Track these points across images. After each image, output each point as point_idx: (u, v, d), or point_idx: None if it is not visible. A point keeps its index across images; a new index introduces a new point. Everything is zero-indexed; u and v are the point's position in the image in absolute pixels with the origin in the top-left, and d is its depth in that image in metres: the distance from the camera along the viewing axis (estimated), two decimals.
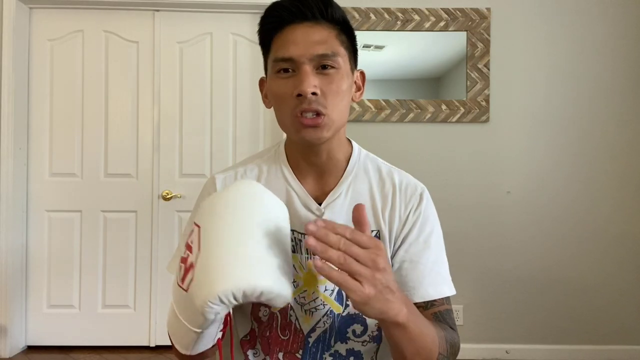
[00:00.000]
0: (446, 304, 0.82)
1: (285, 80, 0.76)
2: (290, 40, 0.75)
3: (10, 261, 2.50)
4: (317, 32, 0.76)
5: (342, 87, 0.77)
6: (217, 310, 0.59)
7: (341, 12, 0.78)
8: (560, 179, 2.58)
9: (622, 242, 2.58)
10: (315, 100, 0.74)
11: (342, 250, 0.56)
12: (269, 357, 0.83)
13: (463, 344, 2.52)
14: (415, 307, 0.68)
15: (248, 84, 2.67)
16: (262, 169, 0.88)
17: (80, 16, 2.63)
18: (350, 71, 0.80)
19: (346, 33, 0.80)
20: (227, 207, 0.65)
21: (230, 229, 0.62)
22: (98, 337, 2.63)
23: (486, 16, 2.56)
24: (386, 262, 0.58)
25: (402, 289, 0.75)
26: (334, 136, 0.80)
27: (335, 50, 0.76)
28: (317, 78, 0.75)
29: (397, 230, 0.83)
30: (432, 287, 0.80)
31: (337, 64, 0.76)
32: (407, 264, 0.81)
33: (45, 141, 2.63)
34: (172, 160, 2.65)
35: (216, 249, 0.61)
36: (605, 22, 2.58)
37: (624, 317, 2.58)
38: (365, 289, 0.56)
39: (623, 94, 2.58)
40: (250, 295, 0.58)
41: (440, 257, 0.84)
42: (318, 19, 0.76)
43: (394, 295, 0.59)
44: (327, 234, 0.56)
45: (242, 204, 0.65)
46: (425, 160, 2.57)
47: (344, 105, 0.79)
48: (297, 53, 0.74)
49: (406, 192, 0.85)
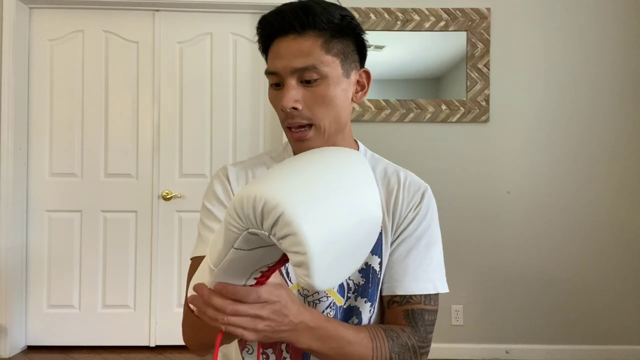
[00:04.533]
0: (424, 303, 0.81)
1: (276, 93, 0.79)
2: (276, 55, 0.77)
3: (10, 261, 2.50)
4: (299, 44, 0.75)
5: (331, 94, 0.76)
6: (235, 223, 0.54)
7: (330, 16, 0.76)
8: (560, 179, 2.58)
9: (622, 242, 2.58)
10: (299, 115, 0.76)
11: (228, 312, 0.59)
12: (271, 349, 0.83)
13: (463, 344, 2.53)
14: (332, 323, 0.71)
15: (248, 84, 2.67)
16: (270, 166, 0.89)
17: (80, 16, 2.63)
18: (344, 75, 0.79)
19: (341, 36, 0.78)
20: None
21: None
22: (98, 337, 2.62)
23: (486, 16, 2.56)
24: (281, 299, 0.62)
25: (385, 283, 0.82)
26: (333, 140, 0.81)
27: (319, 62, 0.75)
28: (300, 91, 0.76)
29: (397, 226, 0.84)
30: (415, 282, 0.81)
31: (322, 74, 0.75)
32: (397, 257, 0.83)
33: (45, 141, 2.63)
34: (172, 160, 2.65)
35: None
36: (605, 22, 2.58)
37: (624, 317, 2.58)
38: (248, 335, 0.60)
39: (623, 93, 2.59)
40: (268, 212, 0.51)
41: (432, 255, 0.84)
42: (300, 30, 0.75)
43: (286, 324, 0.63)
44: (210, 299, 0.59)
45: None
46: (425, 160, 2.57)
47: (338, 111, 0.78)
48: (280, 67, 0.76)
49: (410, 189, 0.86)
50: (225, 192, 0.86)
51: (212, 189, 0.87)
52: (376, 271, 0.83)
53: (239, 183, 0.87)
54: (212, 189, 0.87)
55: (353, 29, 0.79)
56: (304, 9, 0.75)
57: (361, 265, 0.63)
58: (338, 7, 0.79)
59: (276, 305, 0.61)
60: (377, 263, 0.83)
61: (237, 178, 0.87)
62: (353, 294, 0.83)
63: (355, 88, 0.83)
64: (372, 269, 0.82)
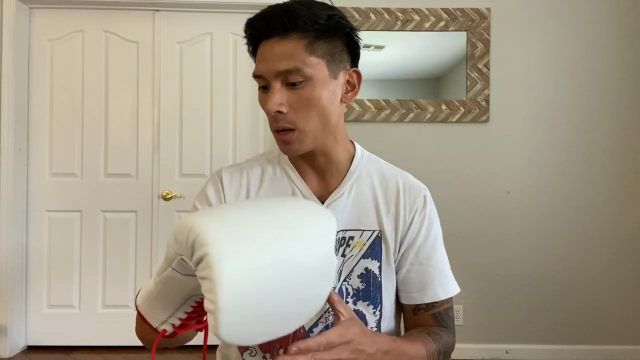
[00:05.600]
0: (447, 303, 0.85)
1: (263, 96, 0.79)
2: (261, 58, 0.77)
3: (10, 261, 2.50)
4: (281, 46, 0.75)
5: (317, 96, 0.76)
6: (173, 245, 0.55)
7: (314, 17, 0.74)
8: (560, 179, 2.58)
9: (622, 242, 2.58)
10: (283, 118, 0.76)
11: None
12: (269, 354, 0.83)
13: (463, 344, 2.53)
14: (397, 342, 0.74)
15: (248, 84, 2.67)
16: (266, 168, 0.89)
17: (80, 16, 2.63)
18: (332, 76, 0.78)
19: (327, 36, 0.77)
20: None
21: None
22: (98, 337, 2.63)
23: (486, 16, 2.56)
24: (354, 337, 0.65)
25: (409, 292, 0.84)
26: (322, 142, 0.81)
27: (302, 63, 0.74)
28: (285, 94, 0.76)
29: (403, 232, 0.85)
30: (441, 287, 0.85)
31: (306, 76, 0.75)
32: (417, 267, 0.84)
33: (45, 141, 2.63)
34: (172, 160, 2.65)
35: None
36: (606, 22, 2.58)
37: (624, 317, 2.57)
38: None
39: (623, 93, 2.58)
40: (197, 248, 0.51)
41: (445, 257, 0.88)
42: (284, 33, 0.75)
43: (364, 357, 0.66)
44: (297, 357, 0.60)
45: None
46: (425, 160, 2.57)
47: (324, 113, 0.78)
48: (264, 70, 0.76)
49: (410, 193, 0.87)
50: (218, 195, 0.87)
51: (204, 190, 0.88)
52: (376, 275, 0.83)
53: (233, 186, 0.87)
54: (204, 191, 0.88)
55: (342, 28, 0.78)
56: (286, 11, 0.74)
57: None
58: (326, 7, 0.77)
59: (351, 344, 0.65)
60: (376, 267, 0.83)
61: (231, 181, 0.88)
62: (352, 299, 0.83)
63: (345, 88, 0.82)
64: (372, 273, 0.83)
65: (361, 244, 0.83)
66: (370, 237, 0.84)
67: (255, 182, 0.88)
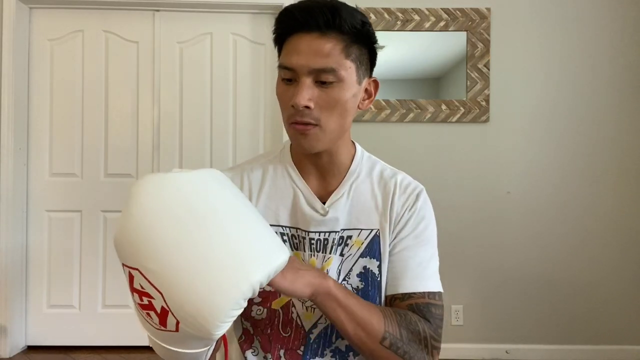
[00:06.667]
0: (428, 298, 0.81)
1: (286, 87, 0.78)
2: (294, 50, 0.75)
3: (10, 261, 2.50)
4: (321, 44, 0.74)
5: (344, 98, 0.77)
6: (233, 315, 0.61)
7: (353, 21, 0.75)
8: (560, 179, 2.58)
9: (622, 242, 2.58)
10: (308, 114, 0.75)
11: None
12: (270, 354, 0.83)
13: (463, 344, 2.53)
14: (348, 289, 0.75)
15: (248, 84, 2.67)
16: (267, 168, 0.89)
17: (80, 16, 2.63)
18: (357, 81, 0.79)
19: (360, 42, 0.78)
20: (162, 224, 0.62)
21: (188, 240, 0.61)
22: (98, 337, 2.62)
23: (486, 16, 2.56)
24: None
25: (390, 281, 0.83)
26: (334, 143, 0.82)
27: (338, 65, 0.74)
28: (314, 90, 0.75)
29: (394, 226, 0.85)
30: (417, 280, 0.81)
31: (339, 77, 0.75)
32: (397, 257, 0.83)
33: (45, 141, 2.63)
34: (172, 160, 2.65)
35: (178, 272, 0.59)
36: (605, 22, 2.58)
37: (624, 317, 2.58)
38: None
39: (623, 93, 2.59)
40: (264, 284, 0.63)
41: (430, 254, 0.85)
42: (324, 30, 0.74)
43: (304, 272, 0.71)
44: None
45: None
46: (425, 160, 2.57)
47: (345, 115, 0.79)
48: (298, 64, 0.75)
49: (405, 190, 0.87)
50: None
51: None
52: (375, 274, 0.83)
53: None
54: None
55: (370, 37, 0.80)
56: (332, 8, 0.74)
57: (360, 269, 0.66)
58: (360, 13, 0.78)
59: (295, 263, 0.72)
60: (375, 266, 0.83)
61: None
62: None
63: (363, 95, 0.83)
64: (371, 272, 0.83)
65: (359, 243, 0.84)
66: (369, 236, 0.84)
67: (256, 182, 0.88)
